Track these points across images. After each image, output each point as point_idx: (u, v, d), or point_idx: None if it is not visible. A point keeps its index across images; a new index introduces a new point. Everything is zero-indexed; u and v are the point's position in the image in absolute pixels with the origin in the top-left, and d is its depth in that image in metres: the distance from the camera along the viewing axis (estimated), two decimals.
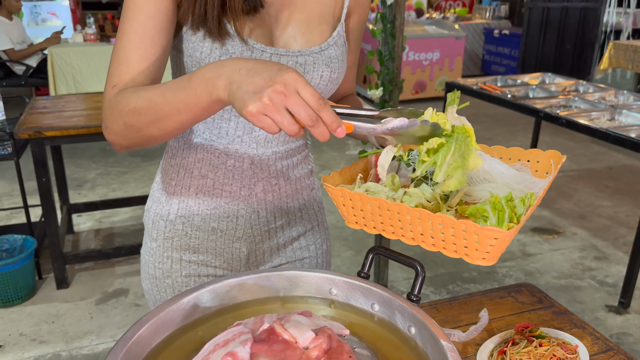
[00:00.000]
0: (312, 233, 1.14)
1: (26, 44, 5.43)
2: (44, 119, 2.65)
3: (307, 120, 0.62)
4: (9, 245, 2.74)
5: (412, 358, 0.64)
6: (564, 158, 0.88)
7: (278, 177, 1.02)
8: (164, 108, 0.74)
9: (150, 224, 1.05)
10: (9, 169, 4.34)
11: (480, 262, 0.70)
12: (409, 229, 0.72)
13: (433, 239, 0.71)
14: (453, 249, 0.71)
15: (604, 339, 1.05)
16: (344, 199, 0.77)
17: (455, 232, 0.68)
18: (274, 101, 0.61)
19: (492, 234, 0.65)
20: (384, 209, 0.73)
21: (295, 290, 0.75)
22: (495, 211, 0.70)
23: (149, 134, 0.79)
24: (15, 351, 2.36)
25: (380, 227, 0.76)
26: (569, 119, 2.92)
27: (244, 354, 0.55)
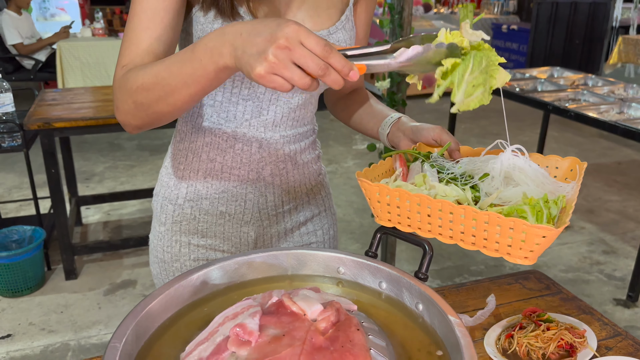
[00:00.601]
0: (319, 218, 1.15)
1: (35, 38, 5.46)
2: (53, 111, 2.67)
3: (317, 70, 0.59)
4: (19, 236, 2.77)
5: (420, 334, 0.65)
6: (584, 164, 0.88)
7: (286, 161, 1.02)
8: (171, 82, 0.73)
9: (158, 208, 1.06)
10: (17, 162, 4.37)
11: (521, 261, 0.70)
12: (449, 227, 0.72)
13: (474, 237, 0.71)
14: (494, 247, 0.71)
15: (612, 325, 1.05)
16: (380, 195, 0.76)
17: (502, 230, 0.68)
18: (279, 58, 0.59)
19: (541, 231, 0.65)
20: (424, 205, 0.72)
21: (303, 269, 0.76)
22: (534, 211, 0.70)
23: (159, 111, 0.78)
24: (24, 340, 2.38)
25: (415, 224, 0.75)
26: (577, 112, 2.91)
27: (252, 325, 0.56)
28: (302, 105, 1.00)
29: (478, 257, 3.14)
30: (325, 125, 5.46)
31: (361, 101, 1.16)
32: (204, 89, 0.72)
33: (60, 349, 2.33)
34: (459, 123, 5.49)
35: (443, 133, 0.99)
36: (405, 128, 1.05)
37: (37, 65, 5.31)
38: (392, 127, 1.08)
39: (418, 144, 1.01)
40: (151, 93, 0.76)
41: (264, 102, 0.95)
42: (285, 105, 0.97)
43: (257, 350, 0.54)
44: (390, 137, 1.09)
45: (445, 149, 0.96)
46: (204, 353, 0.56)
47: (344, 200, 3.85)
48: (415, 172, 0.87)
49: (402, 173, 0.87)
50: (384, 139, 1.11)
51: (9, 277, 2.61)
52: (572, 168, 0.90)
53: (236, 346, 0.54)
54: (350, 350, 0.55)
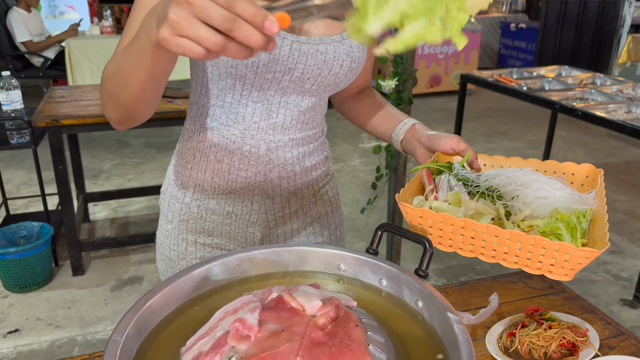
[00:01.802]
0: (326, 218, 1.15)
1: (44, 36, 5.50)
2: (61, 108, 2.69)
3: (222, 22, 0.51)
4: (27, 232, 2.79)
5: (419, 330, 0.65)
6: (601, 172, 0.91)
7: (294, 163, 1.02)
8: (124, 67, 0.69)
9: (165, 206, 1.06)
10: (26, 159, 4.41)
11: (562, 278, 0.73)
12: (492, 248, 0.75)
13: (517, 257, 0.74)
14: (537, 266, 0.74)
15: (615, 324, 1.04)
16: (422, 219, 0.79)
17: (546, 252, 0.71)
18: (179, 15, 0.52)
19: (585, 254, 0.69)
20: (468, 229, 0.75)
21: (304, 265, 0.76)
22: (569, 229, 0.74)
23: (123, 101, 0.75)
24: (32, 335, 2.40)
25: (457, 245, 0.78)
26: (584, 111, 2.89)
27: (252, 320, 0.56)
28: (312, 108, 0.99)
29: None
30: (332, 124, 5.46)
31: (370, 102, 1.15)
32: (151, 73, 0.67)
33: (67, 344, 2.35)
34: (466, 122, 5.47)
35: (461, 142, 0.99)
36: (421, 136, 1.05)
37: (46, 63, 5.35)
38: (406, 134, 1.08)
39: (436, 153, 1.01)
40: (114, 81, 0.73)
41: (274, 105, 0.95)
42: (295, 108, 0.96)
43: (257, 345, 0.54)
44: (404, 144, 1.09)
45: (466, 159, 0.97)
46: (204, 347, 0.56)
47: (349, 198, 3.85)
48: (444, 186, 0.89)
49: (433, 188, 0.89)
50: (398, 145, 1.10)
51: (17, 272, 2.64)
52: (588, 174, 0.91)
53: (236, 341, 0.55)
54: (349, 345, 0.55)
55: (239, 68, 0.87)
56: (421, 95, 6.77)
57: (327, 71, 0.92)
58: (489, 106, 6.40)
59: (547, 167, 0.96)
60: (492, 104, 6.48)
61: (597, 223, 0.80)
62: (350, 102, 1.18)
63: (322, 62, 0.91)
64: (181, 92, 2.80)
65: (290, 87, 0.92)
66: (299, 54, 0.89)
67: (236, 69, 0.87)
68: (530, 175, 0.88)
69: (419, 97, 6.69)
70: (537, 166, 0.97)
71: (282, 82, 0.91)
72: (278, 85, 0.91)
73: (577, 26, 6.53)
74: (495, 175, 0.91)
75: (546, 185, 0.85)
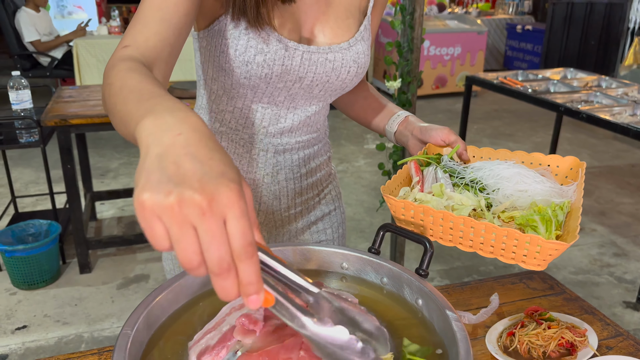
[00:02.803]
0: (329, 217, 1.17)
1: (53, 35, 5.55)
2: (70, 108, 2.73)
3: (215, 263, 0.41)
4: (35, 230, 2.83)
5: (419, 327, 0.67)
6: (584, 165, 0.93)
7: (300, 165, 1.04)
8: (117, 104, 0.61)
9: None
10: (34, 158, 4.45)
11: (534, 267, 0.77)
12: (469, 238, 0.79)
13: (493, 247, 0.78)
14: (511, 256, 0.77)
15: (614, 325, 1.06)
16: (405, 209, 0.82)
17: (519, 244, 0.75)
18: (183, 209, 0.41)
19: (554, 246, 0.72)
20: (447, 220, 0.78)
21: (308, 264, 0.78)
22: (544, 221, 0.77)
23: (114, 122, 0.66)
24: (39, 331, 2.44)
25: (437, 235, 0.82)
26: (589, 114, 2.90)
27: (257, 316, 0.58)
28: (318, 112, 1.01)
29: (487, 259, 3.14)
30: (337, 125, 5.48)
31: (364, 95, 1.17)
32: (126, 135, 0.59)
33: (74, 341, 2.38)
34: (471, 123, 5.48)
35: (451, 134, 1.01)
36: (414, 128, 1.07)
37: (53, 63, 5.40)
38: (400, 126, 1.10)
39: (427, 145, 1.04)
40: (109, 97, 0.65)
41: (282, 110, 0.97)
42: (302, 113, 0.98)
43: (262, 339, 0.57)
44: (398, 136, 1.11)
45: (455, 151, 1.00)
46: (211, 341, 0.59)
47: (354, 199, 3.87)
48: (430, 178, 0.92)
49: (419, 181, 0.92)
50: (391, 137, 1.13)
51: (26, 269, 2.67)
52: (572, 167, 0.94)
53: (242, 335, 0.57)
54: None
55: (253, 79, 0.89)
56: (427, 96, 6.78)
57: (335, 77, 0.95)
58: (494, 108, 6.41)
59: (533, 160, 0.99)
60: (497, 105, 6.48)
61: (572, 215, 0.83)
62: (345, 96, 1.20)
63: (331, 69, 0.94)
64: (188, 92, 2.83)
65: (299, 93, 0.95)
66: (309, 64, 0.91)
67: (249, 80, 0.89)
68: (512, 168, 0.91)
69: (424, 98, 6.70)
70: (524, 158, 1.00)
71: (292, 90, 0.93)
72: (288, 92, 0.94)
73: (583, 28, 6.53)
74: (480, 167, 0.94)
75: (527, 178, 0.88)
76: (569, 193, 0.88)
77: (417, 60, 2.30)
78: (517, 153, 1.01)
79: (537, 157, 0.98)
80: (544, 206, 0.82)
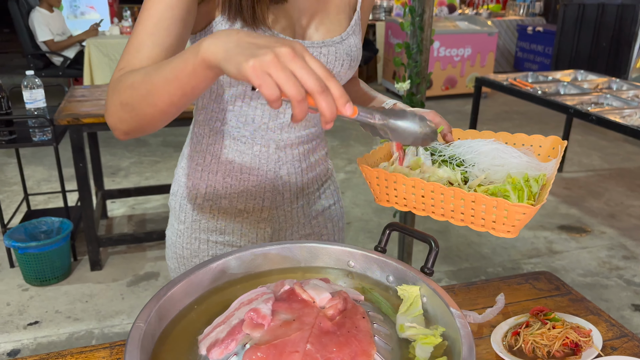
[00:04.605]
0: (329, 212, 1.20)
1: (66, 35, 5.61)
2: (82, 107, 2.76)
3: (315, 86, 0.55)
4: (47, 227, 2.87)
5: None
6: (565, 143, 0.95)
7: (301, 160, 1.07)
8: (154, 79, 0.69)
9: (177, 207, 1.11)
10: (46, 156, 4.51)
11: (505, 234, 0.77)
12: (440, 206, 0.79)
13: (463, 214, 0.78)
14: (481, 223, 0.77)
15: (619, 326, 1.07)
16: (379, 179, 0.83)
17: (486, 209, 0.75)
18: (280, 58, 0.55)
19: (521, 209, 0.72)
20: (418, 187, 0.79)
21: (315, 261, 0.80)
22: (516, 190, 0.77)
23: (141, 112, 0.74)
24: (51, 327, 2.47)
25: (411, 204, 0.82)
26: (599, 116, 2.89)
27: (266, 310, 0.60)
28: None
29: (495, 260, 3.15)
30: (347, 125, 5.49)
31: (355, 89, 1.21)
32: (182, 88, 0.67)
33: (85, 337, 2.41)
34: (481, 125, 5.47)
35: (436, 117, 1.03)
36: None
37: (66, 62, 5.46)
38: None
39: None
40: (137, 91, 0.73)
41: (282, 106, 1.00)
42: None
43: (269, 333, 0.58)
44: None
45: (438, 131, 1.01)
46: (221, 334, 0.61)
47: (362, 199, 3.89)
48: (410, 155, 0.94)
49: (399, 157, 0.93)
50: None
51: (38, 266, 2.71)
52: (554, 146, 0.95)
53: (250, 329, 0.59)
54: (356, 335, 0.59)
55: None
56: (436, 97, 6.78)
57: None
58: (504, 109, 6.39)
59: (517, 140, 1.00)
60: (507, 107, 6.46)
61: (545, 188, 0.83)
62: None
63: (325, 63, 0.97)
64: None
65: None
66: None
67: None
68: (490, 145, 0.91)
69: (434, 99, 6.70)
70: (507, 139, 1.01)
71: None
72: None
73: (594, 30, 6.49)
74: (460, 145, 0.95)
75: (504, 154, 0.89)
76: (547, 168, 0.88)
77: (426, 62, 2.31)
78: (501, 134, 1.02)
79: (520, 137, 1.00)
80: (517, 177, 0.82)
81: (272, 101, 0.55)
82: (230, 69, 0.57)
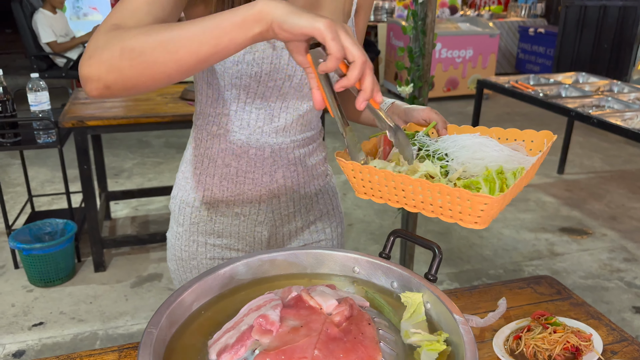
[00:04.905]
0: (327, 217, 1.21)
1: (69, 37, 5.63)
2: (86, 109, 2.78)
3: (363, 59, 0.64)
4: (52, 228, 2.89)
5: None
6: (554, 137, 0.94)
7: (296, 164, 1.09)
8: (188, 27, 0.66)
9: (176, 210, 1.13)
10: (49, 157, 4.53)
11: (473, 225, 0.77)
12: (411, 198, 0.80)
13: (432, 206, 0.79)
14: (449, 214, 0.78)
15: (619, 330, 1.08)
16: (354, 171, 0.85)
17: (451, 199, 0.76)
18: (340, 31, 0.64)
19: (483, 199, 0.73)
20: (389, 180, 0.80)
21: (321, 267, 0.82)
22: (487, 182, 0.78)
23: (152, 59, 0.67)
24: (55, 328, 2.49)
25: (386, 196, 0.83)
26: (600, 119, 2.90)
27: (274, 317, 0.62)
28: (310, 111, 1.06)
29: (497, 262, 3.16)
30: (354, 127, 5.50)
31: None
32: (219, 38, 0.66)
33: (89, 338, 2.43)
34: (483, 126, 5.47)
35: (432, 113, 1.05)
36: (399, 111, 1.11)
37: (69, 64, 5.48)
38: (387, 112, 1.14)
39: (408, 124, 1.08)
40: (154, 37, 0.67)
41: (275, 110, 1.01)
42: (295, 112, 1.03)
43: (278, 339, 0.60)
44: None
45: (430, 127, 1.03)
46: (230, 340, 0.62)
47: (364, 201, 3.90)
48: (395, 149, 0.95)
49: (383, 151, 0.95)
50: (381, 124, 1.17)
51: (42, 267, 2.73)
52: (548, 139, 0.95)
53: (259, 335, 0.61)
54: (362, 341, 0.60)
55: (244, 79, 0.94)
56: (438, 98, 6.79)
57: None
58: (506, 110, 6.40)
59: (509, 135, 1.01)
60: (509, 108, 6.47)
61: (524, 181, 0.83)
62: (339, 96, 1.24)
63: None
64: None
65: (290, 92, 1.00)
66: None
67: (240, 79, 0.95)
68: (475, 139, 0.92)
69: (435, 100, 6.71)
70: (500, 133, 1.02)
71: (283, 89, 0.99)
72: (279, 91, 0.99)
73: (596, 31, 6.50)
74: (446, 140, 0.96)
75: (486, 147, 0.89)
76: (528, 161, 0.88)
77: (428, 66, 2.32)
78: (494, 129, 1.03)
79: (512, 133, 1.01)
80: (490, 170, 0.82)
81: (336, 59, 0.63)
82: (300, 22, 0.63)
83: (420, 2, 2.21)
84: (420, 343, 0.65)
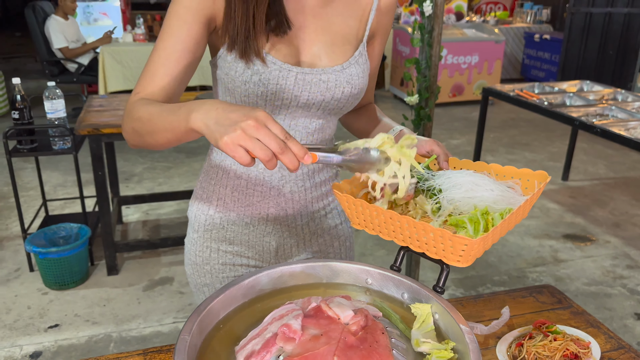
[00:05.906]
0: (336, 230, 1.26)
1: (80, 42, 5.72)
2: (101, 117, 2.86)
3: (277, 148, 0.70)
4: (66, 232, 2.96)
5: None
6: (548, 179, 0.98)
7: (304, 179, 1.14)
8: (157, 123, 0.85)
9: (192, 217, 1.20)
10: (61, 162, 4.61)
11: (455, 263, 0.81)
12: (399, 232, 0.85)
13: (419, 242, 0.83)
14: (434, 251, 0.82)
15: (617, 338, 1.14)
16: (348, 203, 0.90)
17: (435, 238, 0.80)
18: (246, 132, 0.69)
19: (463, 241, 0.77)
20: (380, 214, 0.86)
21: (336, 278, 0.88)
22: (472, 222, 0.83)
23: (147, 141, 0.91)
24: (70, 330, 2.56)
25: (377, 229, 0.88)
26: (604, 128, 2.96)
27: (296, 326, 0.68)
28: (320, 130, 1.11)
29: (501, 268, 3.21)
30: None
31: (368, 115, 1.27)
32: (177, 138, 0.84)
33: (104, 340, 2.50)
34: (488, 132, 5.53)
35: (434, 145, 1.09)
36: None
37: (80, 69, 5.57)
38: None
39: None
40: (144, 126, 0.89)
41: (284, 127, 1.06)
42: (303, 130, 1.09)
43: (300, 346, 0.66)
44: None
45: (430, 161, 1.07)
46: (256, 346, 0.69)
47: None
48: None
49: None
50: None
51: (57, 270, 2.81)
52: (542, 181, 0.99)
53: (283, 342, 0.67)
54: (377, 349, 0.67)
55: (251, 97, 1.01)
56: (443, 104, 6.84)
57: (330, 97, 1.05)
58: (511, 116, 6.45)
59: (506, 172, 1.03)
60: (514, 114, 6.52)
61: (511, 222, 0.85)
62: (351, 116, 1.30)
63: (325, 89, 1.04)
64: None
65: (297, 112, 1.06)
66: (303, 83, 1.02)
67: (249, 97, 1.02)
68: (468, 177, 0.95)
69: (441, 106, 6.77)
70: (498, 171, 1.04)
71: (291, 108, 1.05)
72: (287, 110, 1.05)
73: (601, 38, 6.54)
74: (442, 175, 1.00)
75: (478, 186, 0.92)
76: (517, 203, 0.90)
77: (434, 77, 2.38)
78: (493, 165, 1.05)
79: (510, 170, 1.03)
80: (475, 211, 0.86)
81: (246, 164, 0.70)
82: (212, 141, 0.73)
83: (427, 15, 2.27)
84: (429, 351, 0.72)
